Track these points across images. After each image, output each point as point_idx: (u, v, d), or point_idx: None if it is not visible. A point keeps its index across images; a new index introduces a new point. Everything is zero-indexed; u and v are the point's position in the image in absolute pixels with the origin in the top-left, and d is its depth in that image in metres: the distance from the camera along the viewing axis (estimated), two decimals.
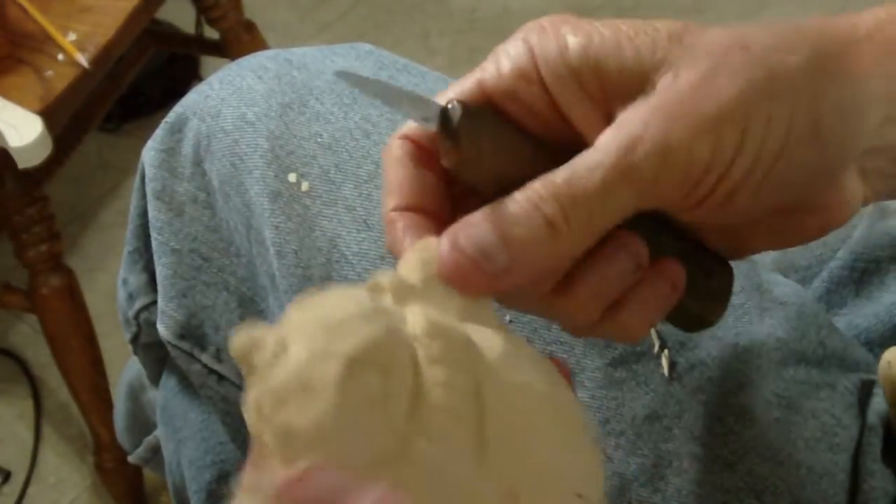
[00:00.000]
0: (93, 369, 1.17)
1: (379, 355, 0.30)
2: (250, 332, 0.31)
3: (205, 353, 0.59)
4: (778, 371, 0.47)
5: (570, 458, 0.34)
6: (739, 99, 0.34)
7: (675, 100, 0.34)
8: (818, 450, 0.46)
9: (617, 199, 0.34)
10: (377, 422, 0.30)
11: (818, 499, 0.45)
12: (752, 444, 0.45)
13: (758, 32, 0.35)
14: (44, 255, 1.08)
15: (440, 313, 0.33)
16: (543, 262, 0.34)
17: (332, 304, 0.31)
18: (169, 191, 0.59)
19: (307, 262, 0.52)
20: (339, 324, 0.30)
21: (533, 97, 0.36)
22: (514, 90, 0.37)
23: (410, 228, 0.37)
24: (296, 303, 0.32)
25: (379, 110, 0.54)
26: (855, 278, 0.56)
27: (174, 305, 0.59)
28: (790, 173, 0.35)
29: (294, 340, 0.30)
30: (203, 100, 0.58)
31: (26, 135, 0.91)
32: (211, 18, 1.33)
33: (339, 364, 0.29)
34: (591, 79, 0.35)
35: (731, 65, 0.34)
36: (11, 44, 0.98)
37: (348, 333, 0.30)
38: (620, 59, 0.35)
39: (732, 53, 0.34)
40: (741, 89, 0.34)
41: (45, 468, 1.34)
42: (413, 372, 0.31)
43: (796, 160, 0.35)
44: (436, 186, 0.38)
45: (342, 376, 0.29)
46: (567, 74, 0.36)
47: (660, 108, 0.34)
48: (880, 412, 0.48)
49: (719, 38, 0.35)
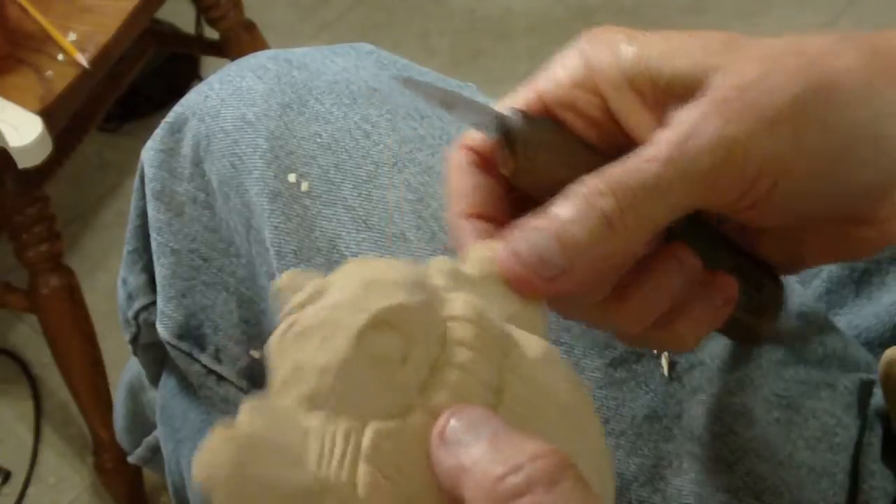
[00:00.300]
0: (93, 369, 1.17)
1: (404, 320, 0.31)
2: (298, 273, 0.33)
3: (204, 353, 0.59)
4: (778, 371, 0.47)
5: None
6: (796, 100, 0.33)
7: (732, 96, 0.34)
8: (818, 450, 0.46)
9: (671, 193, 0.34)
10: (382, 382, 0.31)
11: (818, 499, 0.45)
12: (752, 443, 0.45)
13: (811, 39, 0.35)
14: (44, 255, 1.08)
15: (486, 305, 0.34)
16: (600, 261, 0.35)
17: (382, 267, 0.33)
18: (168, 191, 0.59)
19: (307, 262, 0.52)
20: (379, 284, 0.32)
21: (589, 106, 0.37)
22: (571, 99, 0.37)
23: (475, 233, 0.38)
24: (351, 260, 0.34)
25: (378, 110, 0.54)
26: (855, 278, 0.56)
27: (173, 306, 0.59)
28: (847, 180, 0.35)
29: (333, 289, 0.32)
30: (203, 100, 0.58)
31: (26, 135, 0.91)
32: (211, 18, 1.32)
33: (363, 317, 0.31)
34: (645, 86, 0.36)
35: (787, 67, 0.34)
36: (11, 44, 0.98)
37: (383, 294, 0.31)
38: (674, 65, 0.35)
39: (787, 57, 0.34)
40: (797, 91, 0.33)
41: (45, 468, 1.34)
42: (438, 348, 0.32)
43: (854, 166, 0.34)
44: (498, 193, 0.39)
45: (362, 329, 0.31)
46: (622, 82, 0.36)
47: (715, 104, 0.34)
48: (880, 412, 0.48)
49: (773, 43, 0.35)
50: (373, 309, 0.31)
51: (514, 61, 1.79)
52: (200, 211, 0.58)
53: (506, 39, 1.83)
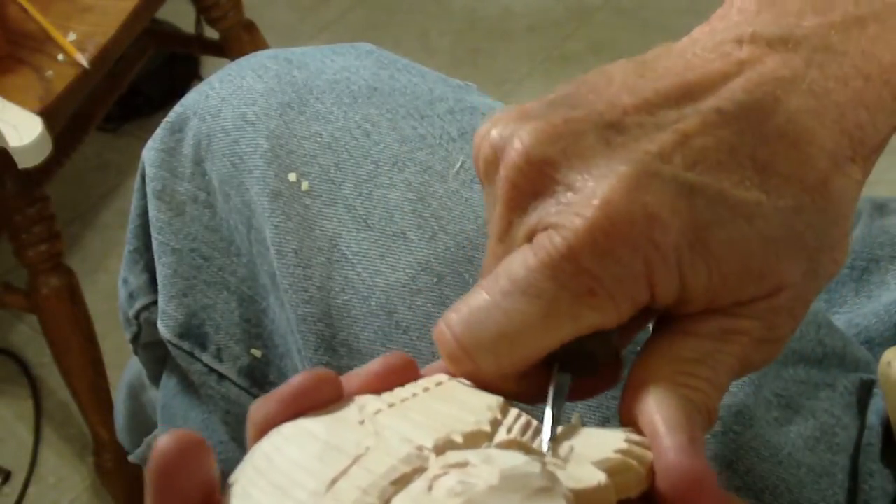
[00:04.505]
0: (93, 369, 1.17)
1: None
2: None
3: (205, 352, 0.59)
4: (778, 370, 0.47)
5: None
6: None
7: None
8: (818, 450, 0.46)
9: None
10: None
11: (818, 498, 0.45)
12: (751, 443, 0.45)
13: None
14: (44, 255, 1.08)
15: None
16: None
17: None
18: (169, 190, 0.59)
19: (307, 261, 0.52)
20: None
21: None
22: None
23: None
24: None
25: (379, 109, 0.54)
26: (854, 277, 0.56)
27: (174, 305, 0.59)
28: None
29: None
30: (203, 99, 0.58)
31: (26, 135, 0.91)
32: (211, 18, 1.33)
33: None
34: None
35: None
36: (11, 44, 0.98)
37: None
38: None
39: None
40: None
41: (45, 468, 1.34)
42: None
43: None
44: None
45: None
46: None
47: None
48: (880, 412, 0.48)
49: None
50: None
51: (514, 61, 1.79)
52: (201, 210, 0.58)
53: (506, 39, 1.83)
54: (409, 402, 0.33)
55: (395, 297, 0.50)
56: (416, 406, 0.32)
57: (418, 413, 0.32)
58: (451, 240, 0.50)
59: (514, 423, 0.32)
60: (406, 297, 0.49)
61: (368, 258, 0.51)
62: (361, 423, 0.31)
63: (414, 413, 0.32)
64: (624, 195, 0.31)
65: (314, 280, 0.52)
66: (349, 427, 0.31)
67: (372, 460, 0.29)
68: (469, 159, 0.52)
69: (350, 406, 0.33)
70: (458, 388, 0.34)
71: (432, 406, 0.32)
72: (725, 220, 0.32)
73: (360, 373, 0.34)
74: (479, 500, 0.27)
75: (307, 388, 0.33)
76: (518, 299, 0.32)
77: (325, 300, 0.51)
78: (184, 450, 0.29)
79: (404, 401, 0.33)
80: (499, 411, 0.32)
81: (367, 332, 0.50)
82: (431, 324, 0.49)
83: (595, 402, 0.47)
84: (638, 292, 0.32)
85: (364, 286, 0.50)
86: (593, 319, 0.32)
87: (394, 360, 0.35)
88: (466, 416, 0.31)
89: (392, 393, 0.33)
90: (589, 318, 0.32)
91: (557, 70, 1.75)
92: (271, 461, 0.31)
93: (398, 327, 0.50)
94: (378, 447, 0.30)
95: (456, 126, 0.53)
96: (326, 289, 0.51)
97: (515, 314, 0.32)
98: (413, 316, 0.49)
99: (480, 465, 0.29)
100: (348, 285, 0.51)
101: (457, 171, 0.51)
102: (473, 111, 0.54)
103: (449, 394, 0.33)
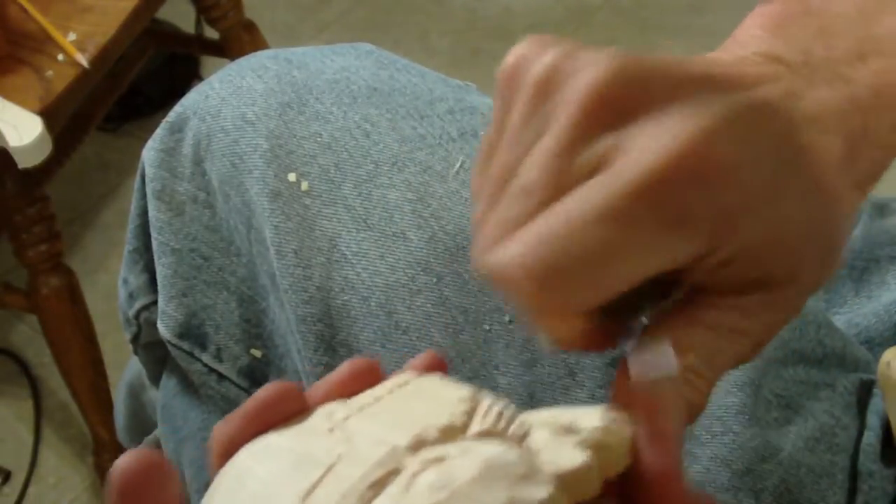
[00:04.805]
0: (93, 369, 1.17)
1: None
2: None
3: (205, 352, 0.59)
4: (778, 371, 0.47)
5: None
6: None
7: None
8: (818, 450, 0.46)
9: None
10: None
11: (817, 499, 0.45)
12: (751, 443, 0.45)
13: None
14: (44, 255, 1.08)
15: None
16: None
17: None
18: (169, 190, 0.59)
19: (307, 261, 0.52)
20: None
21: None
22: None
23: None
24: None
25: (378, 109, 0.54)
26: (854, 277, 0.56)
27: (174, 305, 0.59)
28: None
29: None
30: (203, 99, 0.58)
31: (26, 135, 0.91)
32: (211, 18, 1.33)
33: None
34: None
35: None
36: (11, 44, 0.98)
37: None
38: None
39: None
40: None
41: (45, 468, 1.34)
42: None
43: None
44: None
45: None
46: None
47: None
48: (879, 412, 0.48)
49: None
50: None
51: None
52: (201, 210, 0.58)
53: (506, 39, 1.83)
54: (377, 405, 0.32)
55: (394, 297, 0.50)
56: (386, 407, 0.32)
57: (389, 413, 0.31)
58: (450, 240, 0.50)
59: (488, 413, 0.31)
60: (406, 298, 0.49)
61: (368, 258, 0.51)
62: (331, 431, 0.31)
63: (384, 414, 0.31)
64: (724, 127, 0.30)
65: (314, 280, 0.52)
66: (318, 436, 0.31)
67: (346, 466, 0.29)
68: (469, 159, 0.52)
69: (316, 415, 0.32)
70: (426, 385, 0.33)
71: (402, 405, 0.32)
72: (788, 195, 0.32)
73: (324, 381, 0.34)
74: (463, 492, 0.27)
75: (270, 402, 0.32)
76: (601, 225, 0.29)
77: (324, 300, 0.51)
78: (145, 470, 0.29)
79: (372, 403, 0.32)
80: (470, 402, 0.31)
81: (366, 332, 0.50)
82: (431, 324, 0.49)
83: (595, 402, 0.47)
84: (724, 229, 0.31)
85: (364, 286, 0.50)
86: (679, 251, 0.30)
87: (359, 365, 0.34)
88: (438, 411, 0.30)
89: (358, 398, 0.33)
90: (675, 249, 0.30)
91: None
92: (242, 482, 0.30)
93: (398, 327, 0.50)
94: (350, 453, 0.29)
95: (456, 126, 0.53)
96: (326, 289, 0.51)
97: (599, 241, 0.30)
98: (413, 316, 0.49)
99: (459, 457, 0.28)
100: (348, 285, 0.51)
101: (457, 171, 0.51)
102: (473, 111, 0.54)
103: (417, 391, 0.33)
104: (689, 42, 1.78)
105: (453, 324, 0.49)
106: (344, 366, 0.34)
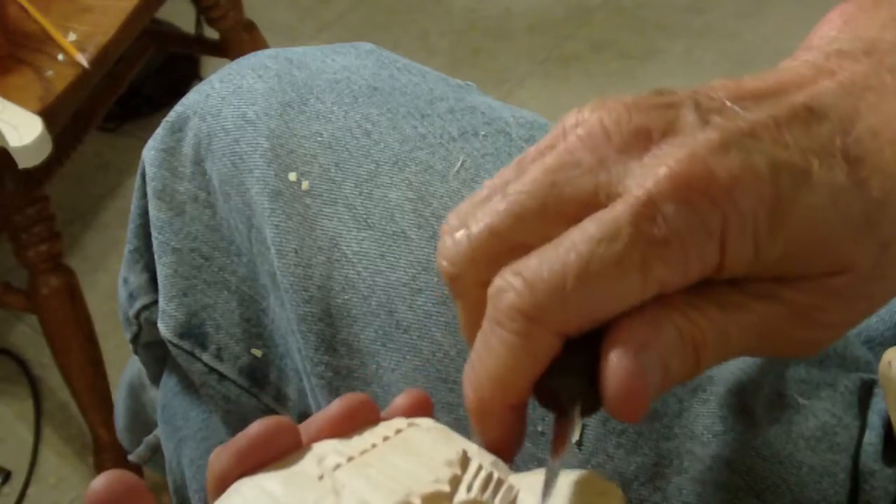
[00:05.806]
0: (93, 369, 1.17)
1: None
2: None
3: (206, 352, 0.59)
4: (779, 370, 0.47)
5: None
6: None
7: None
8: (819, 449, 0.46)
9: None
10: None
11: (819, 498, 0.45)
12: (752, 442, 0.45)
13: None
14: (44, 255, 1.08)
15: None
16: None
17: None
18: (169, 190, 0.59)
19: (308, 260, 0.52)
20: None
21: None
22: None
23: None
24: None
25: (379, 109, 0.54)
26: None
27: (175, 305, 0.59)
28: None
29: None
30: (203, 99, 0.58)
31: (26, 135, 0.91)
32: (211, 18, 1.33)
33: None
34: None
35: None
36: (11, 44, 0.98)
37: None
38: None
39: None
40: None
41: (45, 468, 1.34)
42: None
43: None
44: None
45: None
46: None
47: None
48: (881, 412, 0.48)
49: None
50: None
51: (514, 61, 1.79)
52: (201, 210, 0.58)
53: (506, 39, 1.83)
54: (367, 456, 0.32)
55: (395, 296, 0.50)
56: (375, 461, 0.32)
57: (376, 469, 0.31)
58: None
59: (475, 479, 0.31)
60: (406, 297, 0.49)
61: (369, 257, 0.51)
62: (321, 479, 0.31)
63: (372, 469, 0.31)
64: (709, 154, 0.32)
65: (314, 279, 0.52)
66: (308, 483, 0.31)
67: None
68: (469, 158, 0.52)
69: (308, 457, 0.32)
70: (417, 438, 0.33)
71: (391, 460, 0.32)
72: (808, 198, 0.32)
73: (317, 418, 0.34)
74: None
75: (264, 438, 0.32)
76: (594, 244, 0.31)
77: (325, 300, 0.51)
78: (120, 491, 0.29)
79: (363, 453, 0.32)
80: (458, 466, 0.31)
81: (367, 332, 0.50)
82: (432, 323, 0.49)
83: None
84: (709, 252, 0.32)
85: (364, 285, 0.50)
86: (662, 273, 0.32)
87: (352, 402, 0.34)
88: (425, 474, 0.31)
89: (350, 443, 0.33)
90: (657, 271, 0.31)
91: (557, 70, 1.75)
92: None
93: (398, 326, 0.50)
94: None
95: (456, 125, 0.53)
96: (327, 288, 0.51)
97: (591, 258, 0.31)
98: (413, 315, 0.49)
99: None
100: (349, 285, 0.51)
101: (457, 170, 0.51)
102: (473, 111, 0.54)
103: (408, 445, 0.33)
104: (689, 42, 1.78)
105: (454, 323, 0.49)
106: (336, 402, 0.34)
